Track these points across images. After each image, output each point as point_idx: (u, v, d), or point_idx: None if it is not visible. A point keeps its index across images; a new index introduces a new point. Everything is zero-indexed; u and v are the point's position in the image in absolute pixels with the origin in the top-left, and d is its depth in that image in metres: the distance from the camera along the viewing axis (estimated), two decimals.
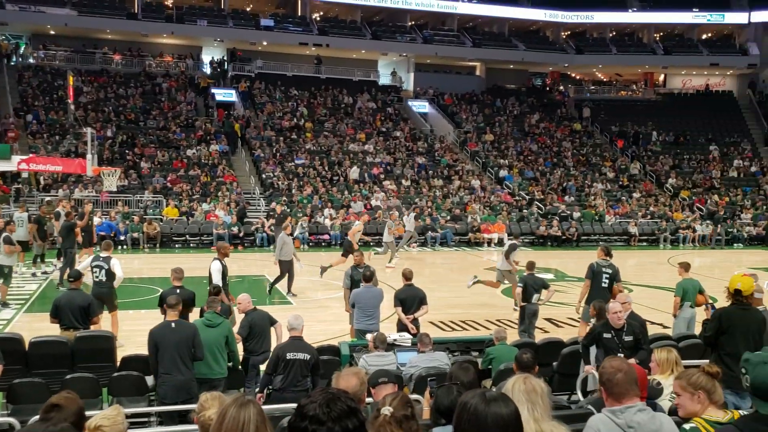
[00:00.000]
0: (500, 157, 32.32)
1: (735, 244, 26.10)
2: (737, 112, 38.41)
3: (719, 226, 26.41)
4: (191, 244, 22.51)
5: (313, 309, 13.15)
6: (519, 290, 10.43)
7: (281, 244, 14.02)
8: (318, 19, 37.74)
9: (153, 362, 6.37)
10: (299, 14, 37.06)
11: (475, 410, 2.19)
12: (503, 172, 30.65)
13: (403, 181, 28.75)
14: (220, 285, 9.47)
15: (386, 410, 2.47)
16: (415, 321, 8.66)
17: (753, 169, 33.31)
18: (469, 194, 28.23)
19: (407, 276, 8.95)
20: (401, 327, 8.61)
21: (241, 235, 22.64)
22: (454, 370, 3.86)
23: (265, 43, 35.28)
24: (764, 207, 29.12)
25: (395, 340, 7.67)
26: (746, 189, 31.28)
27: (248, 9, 38.11)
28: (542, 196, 28.65)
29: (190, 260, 18.82)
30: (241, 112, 32.24)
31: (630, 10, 40.62)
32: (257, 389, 6.68)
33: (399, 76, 38.60)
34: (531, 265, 10.58)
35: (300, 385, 6.20)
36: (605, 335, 6.59)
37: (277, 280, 14.14)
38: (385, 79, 38.84)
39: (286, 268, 13.95)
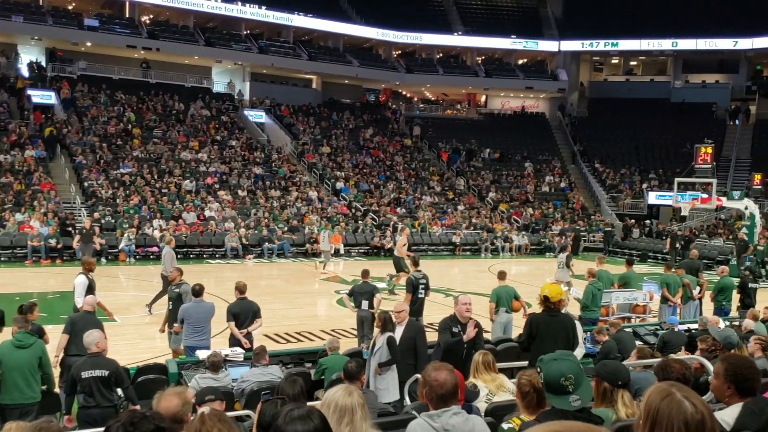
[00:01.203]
0: (337, 169, 32.85)
1: (547, 254, 28.51)
2: (549, 133, 42.08)
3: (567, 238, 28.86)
4: (2, 258, 20.58)
5: (141, 326, 12.58)
6: (345, 297, 10.82)
7: (169, 258, 13.32)
8: (148, 22, 36.11)
9: None
10: (127, 16, 35.24)
11: (276, 429, 2.23)
12: (340, 184, 31.18)
13: (239, 192, 28.29)
14: (82, 300, 8.96)
15: (205, 409, 2.55)
16: (248, 335, 8.59)
17: (562, 184, 36.64)
18: (306, 205, 28.39)
19: (240, 289, 8.84)
20: (234, 342, 8.50)
21: (60, 247, 21.02)
22: (281, 383, 3.93)
23: (89, 44, 33.10)
24: (572, 219, 32.14)
25: (227, 355, 7.58)
26: (556, 203, 34.33)
27: (70, 7, 35.57)
28: (376, 208, 29.53)
29: (0, 275, 17.20)
30: (62, 115, 29.98)
31: (455, 34, 43.16)
32: (64, 411, 6.34)
33: (235, 84, 37.97)
34: (365, 273, 10.92)
35: (105, 402, 5.97)
36: (453, 329, 6.72)
37: (160, 295, 13.43)
38: (219, 87, 38.02)
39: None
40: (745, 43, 39.58)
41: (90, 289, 9.46)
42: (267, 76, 38.73)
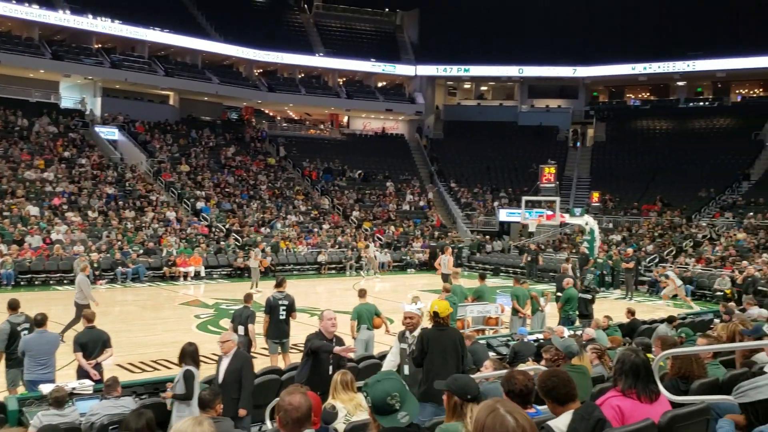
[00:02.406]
0: (197, 188, 31.93)
1: (408, 270, 29.33)
2: (408, 153, 43.48)
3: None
4: None
5: None
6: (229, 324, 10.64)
7: (86, 285, 12.87)
8: None
9: None
10: None
11: None
12: (200, 204, 30.31)
13: (90, 213, 26.73)
14: None
15: None
16: (97, 366, 8.16)
17: (421, 203, 37.94)
18: (163, 226, 27.33)
19: (88, 317, 8.40)
20: (82, 373, 8.05)
21: None
22: (127, 416, 3.79)
23: None
24: (430, 236, 33.31)
25: (74, 388, 7.17)
26: (416, 221, 35.45)
27: None
28: (239, 228, 28.99)
29: None
30: None
31: (317, 55, 43.63)
32: None
33: (86, 100, 35.94)
34: (247, 298, 10.78)
35: None
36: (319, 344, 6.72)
37: (73, 323, 12.89)
38: (68, 102, 35.81)
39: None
40: (582, 71, 43.27)
41: None
42: (120, 91, 37.00)
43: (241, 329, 10.17)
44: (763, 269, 21.85)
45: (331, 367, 6.64)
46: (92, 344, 8.17)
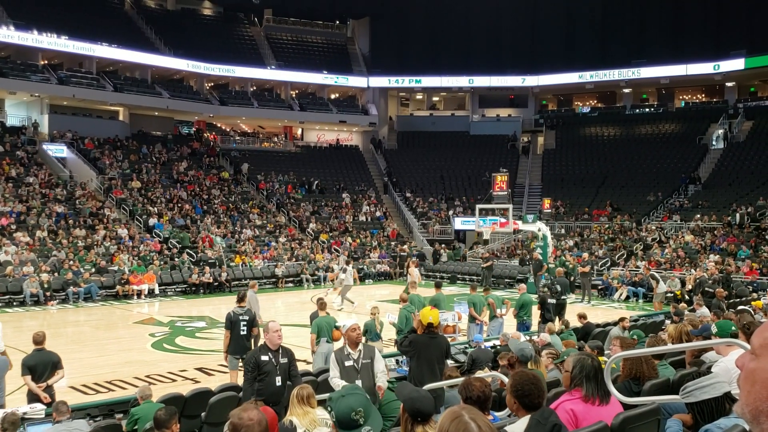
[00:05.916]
0: (149, 204, 31.36)
1: (366, 280, 29.29)
2: (363, 165, 43.56)
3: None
4: None
5: None
6: None
7: (255, 302, 12.93)
8: None
9: None
10: None
11: None
12: (153, 220, 29.77)
13: (39, 232, 26.00)
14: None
15: None
16: (48, 389, 7.95)
17: (378, 213, 38.00)
18: (116, 244, 26.76)
19: (36, 340, 8.16)
20: (33, 397, 7.83)
21: None
22: None
23: None
24: (387, 246, 33.39)
25: (26, 413, 6.97)
26: (373, 231, 35.50)
27: None
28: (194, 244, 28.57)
29: None
30: None
31: (268, 68, 43.45)
32: None
33: (34, 118, 35.04)
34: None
35: None
36: (263, 358, 6.60)
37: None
38: (14, 120, 34.84)
39: None
40: (531, 80, 44.09)
41: None
42: (68, 108, 36.21)
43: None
44: (710, 269, 22.57)
45: (278, 379, 6.59)
46: (41, 367, 7.96)
